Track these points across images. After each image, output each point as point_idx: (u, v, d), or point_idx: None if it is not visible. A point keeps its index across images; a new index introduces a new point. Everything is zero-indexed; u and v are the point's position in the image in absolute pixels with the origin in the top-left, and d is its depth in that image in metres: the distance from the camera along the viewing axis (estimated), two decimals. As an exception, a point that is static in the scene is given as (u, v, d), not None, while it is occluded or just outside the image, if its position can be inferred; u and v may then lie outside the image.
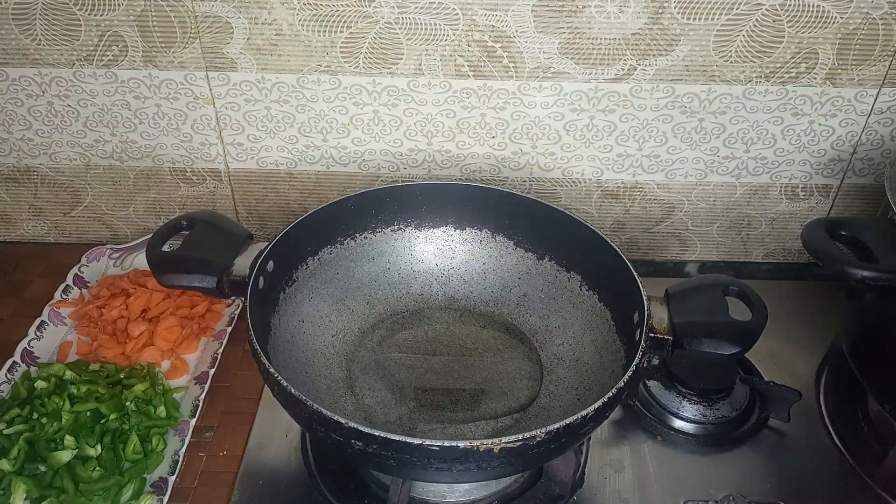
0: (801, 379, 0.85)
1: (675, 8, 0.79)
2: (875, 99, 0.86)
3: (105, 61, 0.85)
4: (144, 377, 0.80)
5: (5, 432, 0.73)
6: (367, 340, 0.82)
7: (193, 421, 0.77)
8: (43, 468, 0.71)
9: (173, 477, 0.72)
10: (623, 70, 0.84)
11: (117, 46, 0.84)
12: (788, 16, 0.80)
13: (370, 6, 0.80)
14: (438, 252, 0.87)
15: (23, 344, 0.84)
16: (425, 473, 0.61)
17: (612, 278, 0.75)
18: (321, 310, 0.81)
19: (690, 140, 0.89)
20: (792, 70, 0.84)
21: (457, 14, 0.80)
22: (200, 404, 0.79)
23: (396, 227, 0.86)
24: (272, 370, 0.62)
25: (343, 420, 0.57)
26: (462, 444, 0.56)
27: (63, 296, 0.91)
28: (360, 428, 0.57)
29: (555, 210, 0.80)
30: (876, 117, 0.87)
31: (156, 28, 0.82)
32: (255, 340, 0.64)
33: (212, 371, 0.82)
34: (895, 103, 0.86)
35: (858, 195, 0.94)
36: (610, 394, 0.60)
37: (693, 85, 0.85)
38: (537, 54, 0.83)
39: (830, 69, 0.83)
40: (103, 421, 0.75)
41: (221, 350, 0.84)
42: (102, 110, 0.89)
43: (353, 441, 0.58)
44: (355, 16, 0.81)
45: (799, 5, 0.79)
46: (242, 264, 0.71)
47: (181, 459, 0.74)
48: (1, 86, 0.87)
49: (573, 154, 0.91)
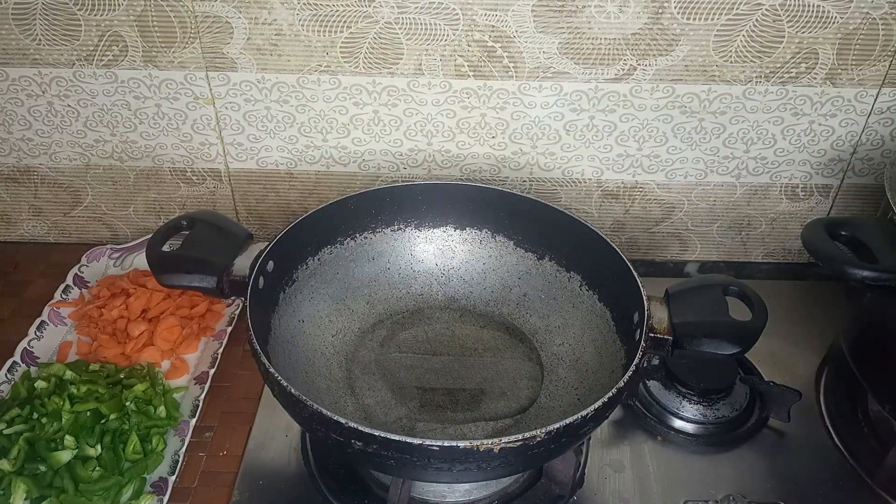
0: (801, 379, 0.85)
1: (675, 8, 0.79)
2: (875, 99, 0.86)
3: (105, 61, 0.85)
4: (144, 377, 0.80)
5: (5, 432, 0.73)
6: (367, 340, 0.82)
7: (193, 421, 0.77)
8: (43, 468, 0.71)
9: (173, 477, 0.72)
10: (623, 70, 0.84)
11: (117, 46, 0.84)
12: (788, 16, 0.80)
13: (370, 6, 0.80)
14: (438, 252, 0.87)
15: (23, 344, 0.84)
16: (425, 473, 0.61)
17: (612, 278, 0.75)
18: (321, 310, 0.81)
19: (690, 140, 0.89)
20: (792, 70, 0.84)
21: (457, 14, 0.80)
22: (200, 404, 0.79)
23: (396, 227, 0.86)
24: (272, 370, 0.62)
25: (343, 420, 0.57)
26: (462, 444, 0.56)
27: (63, 296, 0.91)
28: (360, 428, 0.57)
29: (555, 210, 0.80)
30: (876, 117, 0.87)
31: (156, 28, 0.82)
32: (255, 340, 0.64)
33: (212, 371, 0.82)
34: (895, 103, 0.86)
35: (858, 195, 0.94)
36: (610, 394, 0.60)
37: (693, 85, 0.85)
38: (537, 54, 0.83)
39: (830, 69, 0.83)
40: (103, 421, 0.75)
41: (221, 350, 0.84)
42: (102, 110, 0.89)
43: (353, 441, 0.58)
44: (355, 16, 0.81)
45: (799, 5, 0.79)
46: (242, 264, 0.71)
47: (181, 459, 0.74)
48: (1, 86, 0.87)
49: (573, 154, 0.91)
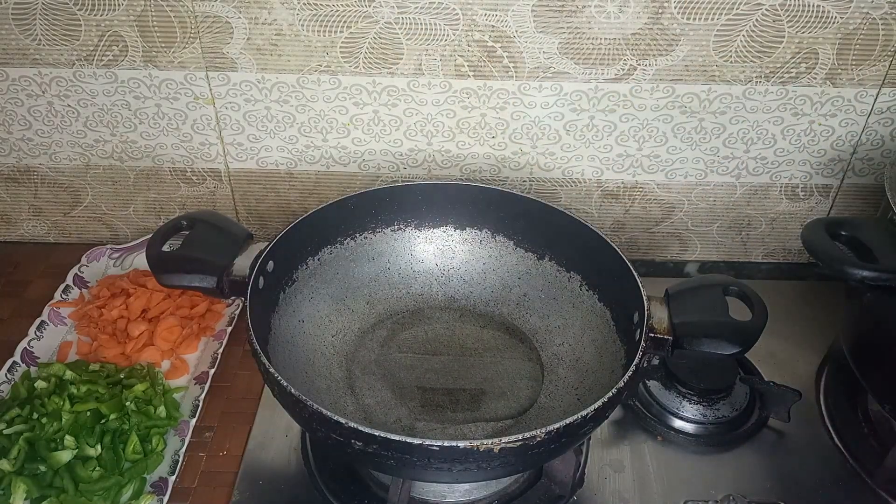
0: (801, 379, 0.85)
1: (675, 8, 0.79)
2: (875, 99, 0.86)
3: (105, 61, 0.85)
4: (144, 377, 0.80)
5: (5, 432, 0.73)
6: (367, 340, 0.82)
7: (193, 421, 0.77)
8: (43, 468, 0.71)
9: (173, 477, 0.72)
10: (623, 70, 0.84)
11: (117, 46, 0.84)
12: (788, 16, 0.80)
13: (370, 6, 0.80)
14: (438, 252, 0.87)
15: (23, 344, 0.84)
16: (425, 473, 0.61)
17: (612, 278, 0.75)
18: (321, 310, 0.81)
19: (690, 140, 0.89)
20: (792, 70, 0.84)
21: (457, 14, 0.80)
22: (200, 404, 0.79)
23: (396, 227, 0.86)
24: (272, 370, 0.62)
25: (343, 420, 0.57)
26: (462, 444, 0.56)
27: (63, 296, 0.91)
28: (360, 428, 0.57)
29: (555, 210, 0.80)
30: (876, 117, 0.87)
31: (156, 28, 0.82)
32: (255, 340, 0.64)
33: (212, 371, 0.82)
34: (895, 103, 0.86)
35: (858, 195, 0.94)
36: (610, 394, 0.60)
37: (693, 85, 0.85)
38: (537, 54, 0.83)
39: (830, 69, 0.83)
40: (103, 421, 0.75)
41: (221, 350, 0.84)
42: (102, 110, 0.89)
43: (353, 441, 0.58)
44: (355, 16, 0.81)
45: (799, 5, 0.79)
46: (242, 264, 0.71)
47: (181, 459, 0.74)
48: (1, 86, 0.87)
49: (573, 154, 0.91)
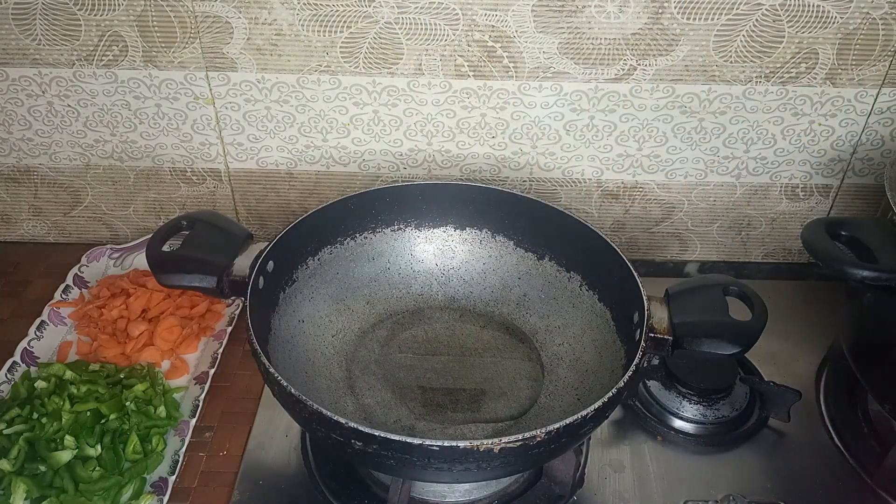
0: (801, 379, 0.85)
1: (675, 8, 0.79)
2: (875, 99, 0.86)
3: (105, 61, 0.85)
4: (144, 377, 0.80)
5: (5, 432, 0.73)
6: (367, 340, 0.82)
7: (193, 421, 0.77)
8: (43, 468, 0.71)
9: (173, 477, 0.72)
10: (623, 70, 0.84)
11: (117, 46, 0.84)
12: (788, 16, 0.80)
13: (370, 6, 0.80)
14: (438, 252, 0.87)
15: (23, 344, 0.84)
16: (425, 473, 0.61)
17: (612, 278, 0.75)
18: (321, 310, 0.81)
19: (690, 140, 0.89)
20: (792, 70, 0.84)
21: (457, 14, 0.80)
22: (200, 404, 0.79)
23: (396, 227, 0.86)
24: (272, 370, 0.62)
25: (343, 420, 0.57)
26: (462, 444, 0.56)
27: (63, 296, 0.91)
28: (360, 428, 0.57)
29: (555, 210, 0.80)
30: (876, 117, 0.87)
31: (156, 28, 0.82)
32: (255, 340, 0.64)
33: (212, 371, 0.82)
34: (895, 103, 0.86)
35: (858, 195, 0.94)
36: (610, 394, 0.60)
37: (693, 85, 0.85)
38: (537, 54, 0.83)
39: (830, 69, 0.83)
40: (103, 421, 0.75)
41: (221, 350, 0.84)
42: (102, 110, 0.89)
43: (353, 441, 0.58)
44: (355, 16, 0.81)
45: (799, 5, 0.79)
46: (242, 264, 0.71)
47: (181, 459, 0.74)
48: (1, 86, 0.87)
49: (573, 154, 0.91)
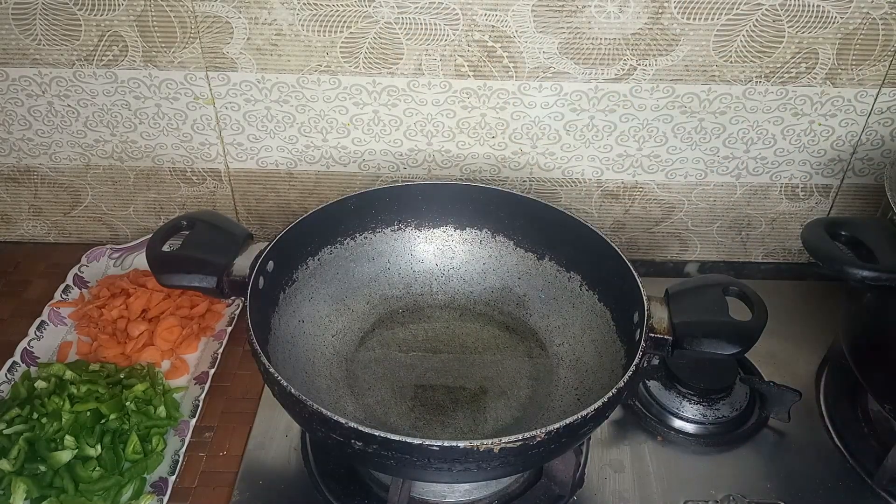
0: (801, 379, 0.85)
1: (675, 8, 0.79)
2: (875, 99, 0.86)
3: (105, 61, 0.85)
4: (144, 377, 0.80)
5: (5, 432, 0.73)
6: (368, 340, 0.82)
7: (193, 421, 0.77)
8: (43, 468, 0.71)
9: (173, 477, 0.72)
10: (623, 70, 0.84)
11: (117, 46, 0.84)
12: (788, 16, 0.80)
13: (370, 6, 0.80)
14: (438, 252, 0.87)
15: (23, 344, 0.84)
16: (425, 473, 0.61)
17: (612, 278, 0.75)
18: (321, 310, 0.81)
19: (690, 140, 0.89)
20: (792, 70, 0.84)
21: (457, 14, 0.80)
22: (200, 404, 0.79)
23: (396, 227, 0.86)
24: (272, 370, 0.62)
25: (343, 420, 0.57)
26: (462, 444, 0.56)
27: (63, 296, 0.91)
28: (360, 428, 0.57)
29: (555, 210, 0.80)
30: (876, 117, 0.87)
31: (156, 28, 0.82)
32: (255, 340, 0.64)
33: (212, 371, 0.82)
34: (895, 103, 0.86)
35: (858, 195, 0.94)
36: (610, 394, 0.60)
37: (693, 85, 0.85)
38: (537, 54, 0.83)
39: (830, 69, 0.83)
40: (103, 421, 0.75)
41: (221, 350, 0.84)
42: (102, 110, 0.89)
43: (353, 441, 0.58)
44: (355, 16, 0.81)
45: (799, 5, 0.79)
46: (242, 264, 0.71)
47: (181, 459, 0.74)
48: (1, 86, 0.87)
49: (573, 154, 0.91)
